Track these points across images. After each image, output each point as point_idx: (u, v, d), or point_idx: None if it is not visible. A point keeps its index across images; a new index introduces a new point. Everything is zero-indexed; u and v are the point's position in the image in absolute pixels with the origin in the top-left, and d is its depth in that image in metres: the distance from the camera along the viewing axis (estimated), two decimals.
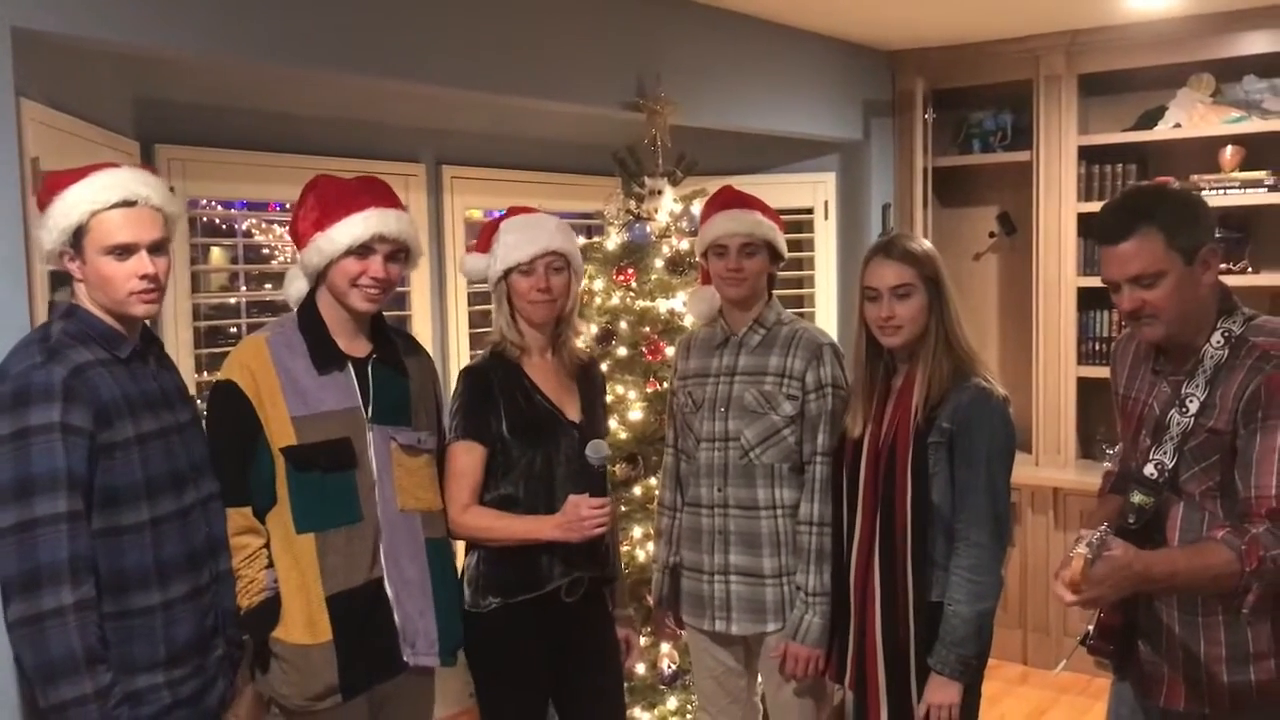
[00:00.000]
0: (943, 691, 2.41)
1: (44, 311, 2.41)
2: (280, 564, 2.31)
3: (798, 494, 2.72)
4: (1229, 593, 1.97)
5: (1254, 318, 2.12)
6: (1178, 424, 2.10)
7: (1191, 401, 2.08)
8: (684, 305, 3.55)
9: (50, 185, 2.08)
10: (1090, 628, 2.30)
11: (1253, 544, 1.91)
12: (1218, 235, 4.37)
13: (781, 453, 2.71)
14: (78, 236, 2.04)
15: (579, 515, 2.46)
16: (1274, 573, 1.92)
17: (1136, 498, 2.14)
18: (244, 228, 3.86)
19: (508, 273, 2.59)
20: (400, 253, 2.39)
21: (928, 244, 2.54)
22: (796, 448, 2.72)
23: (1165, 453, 2.11)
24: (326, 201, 2.35)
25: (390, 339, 2.50)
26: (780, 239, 2.81)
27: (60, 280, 2.48)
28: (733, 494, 2.74)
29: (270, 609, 2.29)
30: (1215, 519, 2.07)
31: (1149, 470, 2.14)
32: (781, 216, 2.90)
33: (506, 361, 2.61)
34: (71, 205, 2.03)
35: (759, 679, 2.91)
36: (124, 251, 2.04)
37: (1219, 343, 2.08)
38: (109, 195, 2.04)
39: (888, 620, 2.47)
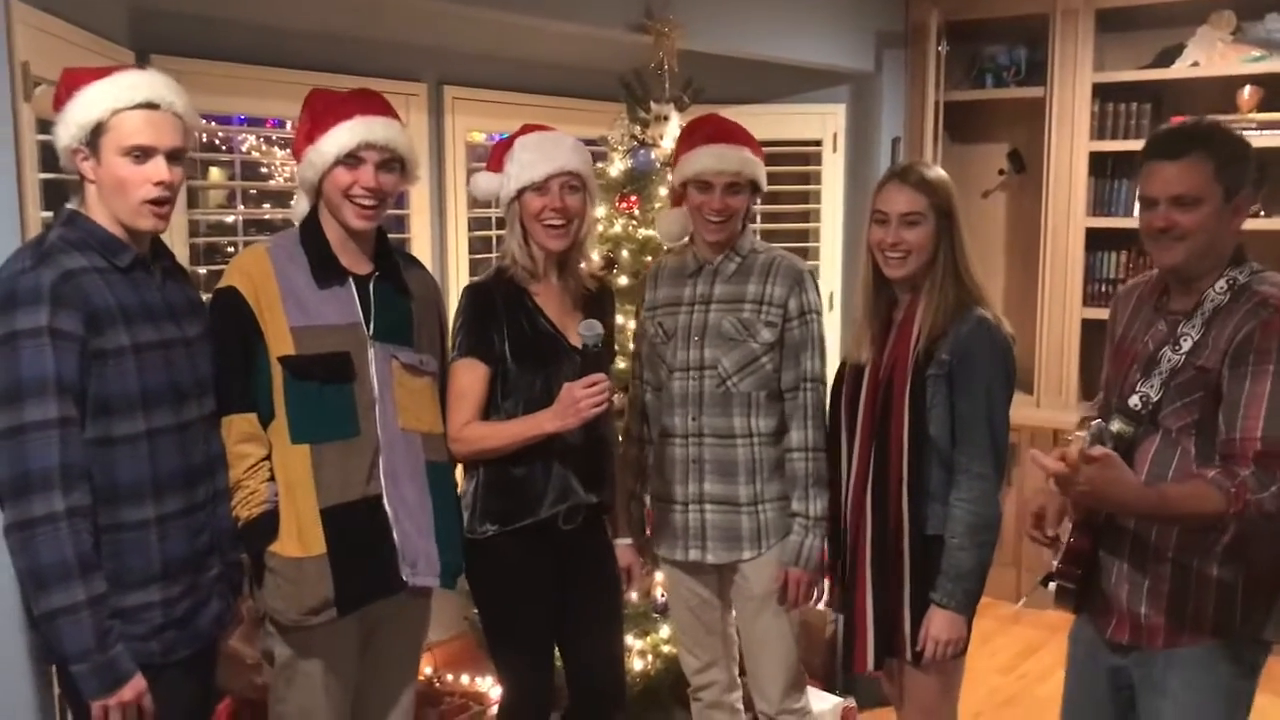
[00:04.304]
0: (947, 626, 2.40)
1: (35, 218, 2.37)
2: (275, 476, 2.28)
3: (773, 421, 2.70)
4: (1205, 529, 2.05)
5: (1261, 271, 2.16)
6: (1169, 360, 2.15)
7: (1185, 340, 2.13)
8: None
9: (69, 81, 2.03)
10: (1056, 561, 2.32)
11: (1241, 487, 1.96)
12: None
13: (759, 380, 2.68)
14: (95, 135, 2.00)
15: (573, 398, 2.42)
16: (1256, 517, 1.97)
17: (1117, 426, 2.19)
18: (242, 144, 3.79)
19: (521, 192, 2.53)
20: (393, 162, 2.34)
21: (943, 173, 2.50)
22: (774, 375, 2.69)
23: (1152, 386, 2.16)
24: (316, 114, 2.33)
25: (394, 259, 2.47)
26: (763, 174, 2.75)
27: (55, 192, 2.44)
28: (708, 423, 2.71)
29: (269, 523, 2.27)
30: (1187, 455, 2.12)
31: (1133, 401, 2.18)
32: (790, 148, 2.84)
33: (511, 282, 2.57)
34: (93, 101, 1.99)
35: (733, 611, 2.91)
36: (142, 154, 2.01)
37: (1222, 288, 2.13)
38: (133, 95, 2.00)
39: (878, 552, 2.46)
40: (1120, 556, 2.23)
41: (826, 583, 2.75)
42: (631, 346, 3.46)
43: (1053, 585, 2.33)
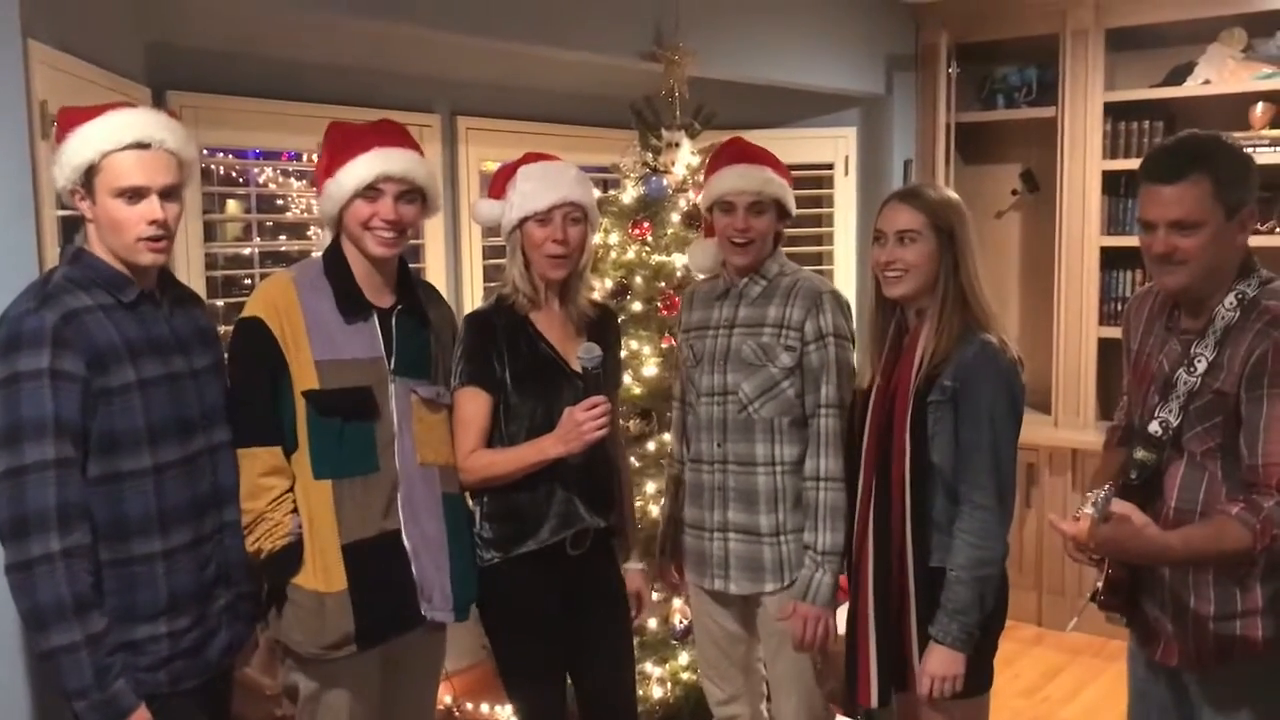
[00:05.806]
0: (945, 663, 2.31)
1: (53, 256, 2.39)
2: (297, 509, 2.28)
3: (798, 449, 2.66)
4: (1236, 565, 2.01)
5: (1270, 281, 2.12)
6: (1185, 383, 2.11)
7: (1200, 361, 2.09)
8: (686, 257, 3.45)
9: (65, 121, 2.04)
10: (1099, 585, 2.28)
11: (1266, 522, 1.92)
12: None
13: (780, 406, 2.65)
14: (89, 176, 2.00)
15: (575, 422, 2.42)
16: None
17: (1140, 454, 2.16)
18: (260, 178, 3.83)
19: (523, 221, 2.54)
20: (412, 194, 2.35)
21: (951, 194, 2.45)
22: (797, 401, 2.65)
23: (1170, 411, 2.13)
24: (335, 147, 2.34)
25: (414, 289, 2.48)
26: (789, 196, 2.74)
27: (73, 227, 2.46)
28: (732, 449, 2.69)
29: (293, 555, 2.26)
30: (1215, 479, 2.09)
31: (1153, 428, 2.15)
32: (801, 172, 2.83)
33: (512, 310, 2.58)
34: (84, 143, 1.99)
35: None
36: (134, 195, 2.01)
37: (1231, 304, 2.09)
38: (122, 136, 2.00)
39: (880, 583, 2.41)
40: (1160, 586, 2.19)
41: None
42: (645, 372, 3.49)
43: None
